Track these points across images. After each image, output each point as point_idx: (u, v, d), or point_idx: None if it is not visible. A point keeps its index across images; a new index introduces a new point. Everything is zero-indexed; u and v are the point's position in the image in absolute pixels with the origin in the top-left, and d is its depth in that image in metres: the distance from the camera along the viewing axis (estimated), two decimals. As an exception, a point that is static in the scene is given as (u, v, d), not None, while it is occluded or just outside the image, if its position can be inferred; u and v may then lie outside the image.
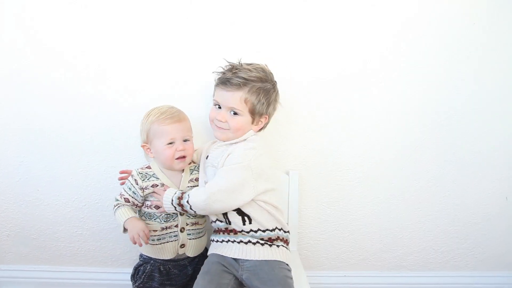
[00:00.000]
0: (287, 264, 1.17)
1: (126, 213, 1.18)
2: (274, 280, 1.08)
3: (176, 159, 1.19)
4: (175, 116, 1.20)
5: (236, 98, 1.17)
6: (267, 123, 1.26)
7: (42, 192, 1.48)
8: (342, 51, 1.41)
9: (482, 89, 1.47)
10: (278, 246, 1.18)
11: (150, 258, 1.26)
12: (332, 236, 1.55)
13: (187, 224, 1.25)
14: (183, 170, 1.25)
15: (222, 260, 1.17)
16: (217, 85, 1.22)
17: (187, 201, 1.14)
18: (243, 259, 1.15)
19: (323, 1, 1.37)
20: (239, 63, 1.22)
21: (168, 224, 1.23)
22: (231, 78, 1.17)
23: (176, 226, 1.24)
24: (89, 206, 1.49)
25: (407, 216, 1.55)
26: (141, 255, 1.29)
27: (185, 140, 1.21)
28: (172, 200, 1.17)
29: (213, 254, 1.21)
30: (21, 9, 1.34)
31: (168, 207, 1.18)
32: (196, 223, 1.27)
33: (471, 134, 1.51)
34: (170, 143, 1.18)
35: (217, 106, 1.22)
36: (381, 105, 1.46)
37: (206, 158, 1.26)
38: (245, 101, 1.17)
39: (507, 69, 1.47)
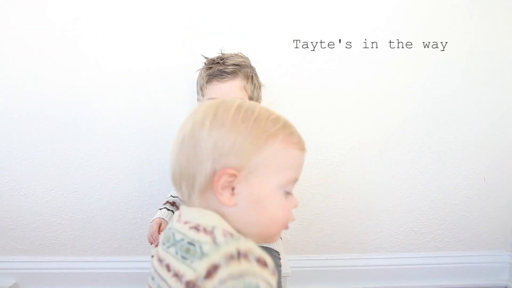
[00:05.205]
0: (278, 253, 1.17)
1: None
2: None
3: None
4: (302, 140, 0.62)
5: (236, 87, 1.12)
6: None
7: (18, 182, 1.45)
8: (328, 35, 1.42)
9: (459, 75, 1.49)
10: None
11: None
12: (313, 220, 1.56)
13: None
14: None
15: None
16: (208, 81, 1.13)
17: None
18: None
19: None
20: (221, 53, 1.19)
21: None
22: (225, 68, 1.11)
23: None
24: (67, 195, 1.47)
25: (386, 198, 1.57)
26: None
27: None
28: None
29: None
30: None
31: None
32: None
33: (449, 117, 1.52)
34: (287, 192, 0.59)
35: None
36: (361, 91, 1.47)
37: None
38: (244, 88, 1.14)
39: (484, 57, 1.49)
